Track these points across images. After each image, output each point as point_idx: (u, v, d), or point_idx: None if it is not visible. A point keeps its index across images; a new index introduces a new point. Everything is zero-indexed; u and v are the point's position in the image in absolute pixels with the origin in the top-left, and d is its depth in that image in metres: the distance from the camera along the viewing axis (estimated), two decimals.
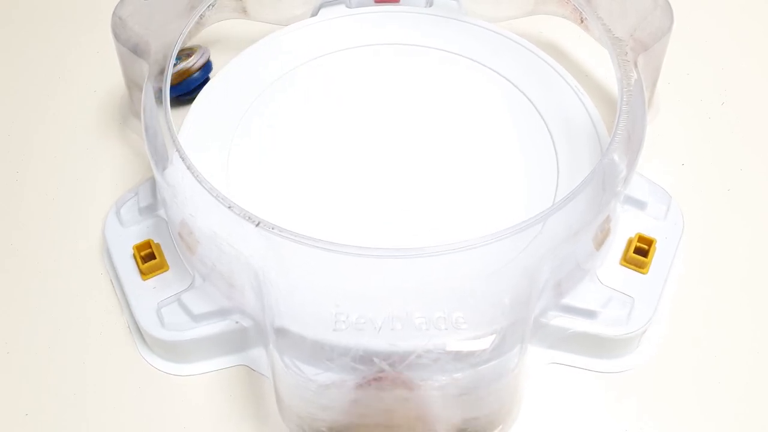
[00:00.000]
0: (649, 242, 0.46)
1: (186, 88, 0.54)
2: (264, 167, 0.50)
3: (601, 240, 0.45)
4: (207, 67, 0.55)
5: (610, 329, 0.44)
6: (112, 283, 0.48)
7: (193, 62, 0.54)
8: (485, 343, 0.39)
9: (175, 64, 0.51)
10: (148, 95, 0.46)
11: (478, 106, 0.52)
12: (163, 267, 0.46)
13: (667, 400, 0.44)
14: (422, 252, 0.40)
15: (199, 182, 0.42)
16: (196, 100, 0.52)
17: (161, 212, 0.48)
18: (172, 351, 0.45)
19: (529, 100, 0.52)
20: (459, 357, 0.38)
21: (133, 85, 0.51)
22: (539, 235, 0.41)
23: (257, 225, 0.40)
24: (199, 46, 0.55)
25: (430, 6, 0.57)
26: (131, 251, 0.47)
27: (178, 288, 0.45)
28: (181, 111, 0.52)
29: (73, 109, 0.56)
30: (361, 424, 0.41)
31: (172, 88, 0.48)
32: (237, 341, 0.45)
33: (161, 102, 0.46)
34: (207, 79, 0.54)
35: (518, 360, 0.39)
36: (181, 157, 0.43)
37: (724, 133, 0.55)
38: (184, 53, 0.54)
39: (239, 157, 0.50)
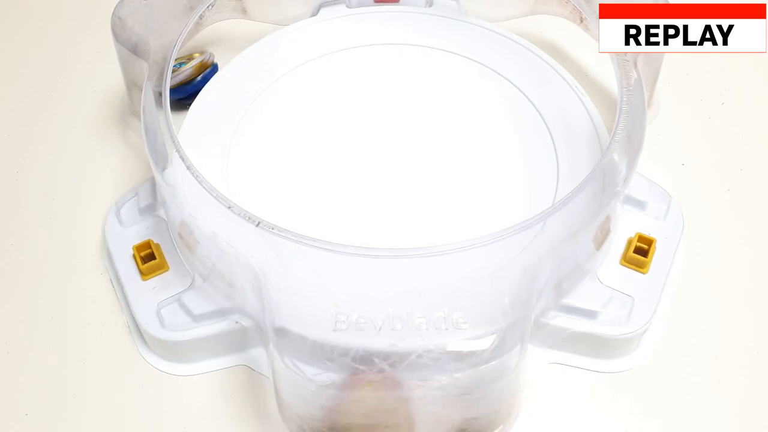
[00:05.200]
0: (649, 242, 0.46)
1: (184, 93, 0.54)
2: (264, 167, 0.50)
3: (601, 240, 0.45)
4: (212, 70, 0.54)
5: (610, 329, 0.44)
6: (112, 283, 0.48)
7: (190, 71, 0.53)
8: (485, 343, 0.39)
9: (176, 69, 0.51)
10: (147, 95, 0.46)
11: (478, 106, 0.52)
12: (163, 267, 0.46)
13: (667, 400, 0.44)
14: (422, 252, 0.40)
15: (199, 182, 0.42)
16: (196, 100, 0.52)
17: (161, 212, 0.48)
18: (172, 351, 0.45)
19: (529, 100, 0.52)
20: (459, 357, 0.38)
21: (132, 85, 0.51)
22: (539, 235, 0.41)
23: (257, 225, 0.40)
24: (204, 52, 0.55)
25: (430, 6, 0.57)
26: (131, 251, 0.47)
27: (178, 288, 0.45)
28: (181, 111, 0.52)
29: (73, 109, 0.56)
30: (362, 424, 0.41)
31: (175, 90, 0.48)
32: (237, 341, 0.45)
33: (161, 102, 0.46)
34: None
35: (518, 360, 0.39)
36: (180, 157, 0.43)
37: (724, 133, 0.55)
38: (185, 59, 0.54)
39: (239, 157, 0.50)
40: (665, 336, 0.46)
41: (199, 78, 0.54)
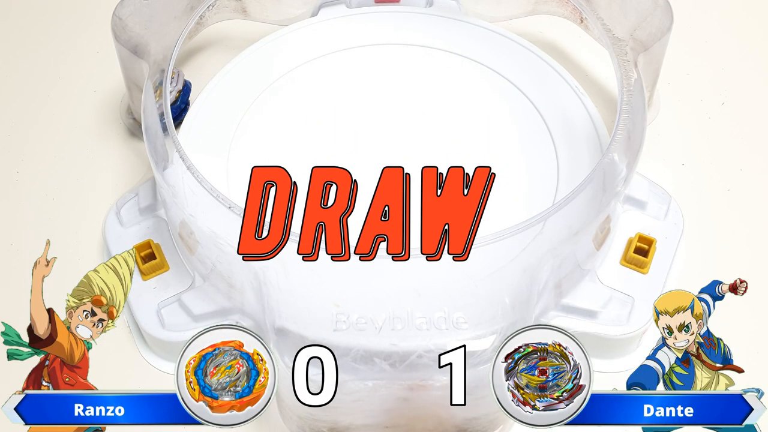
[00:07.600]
0: (649, 242, 0.47)
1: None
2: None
3: (601, 240, 0.45)
4: (185, 90, 0.54)
5: (610, 329, 0.44)
6: None
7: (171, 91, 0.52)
8: (486, 343, 0.39)
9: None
10: (148, 95, 0.46)
11: (478, 106, 0.52)
12: (163, 267, 0.46)
13: None
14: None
15: (199, 182, 0.42)
16: (195, 100, 0.52)
17: (161, 212, 0.48)
18: (172, 351, 0.45)
19: (529, 100, 0.52)
20: None
21: (132, 85, 0.51)
22: (539, 235, 0.41)
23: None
24: (175, 71, 0.54)
25: (430, 6, 0.57)
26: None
27: (178, 288, 0.45)
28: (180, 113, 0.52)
29: (73, 109, 0.56)
30: (362, 424, 0.41)
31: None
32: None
33: (161, 102, 0.46)
34: (188, 104, 0.54)
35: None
36: (181, 157, 0.43)
37: (724, 133, 0.55)
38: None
39: (239, 157, 0.50)
40: None
41: (178, 101, 0.53)
